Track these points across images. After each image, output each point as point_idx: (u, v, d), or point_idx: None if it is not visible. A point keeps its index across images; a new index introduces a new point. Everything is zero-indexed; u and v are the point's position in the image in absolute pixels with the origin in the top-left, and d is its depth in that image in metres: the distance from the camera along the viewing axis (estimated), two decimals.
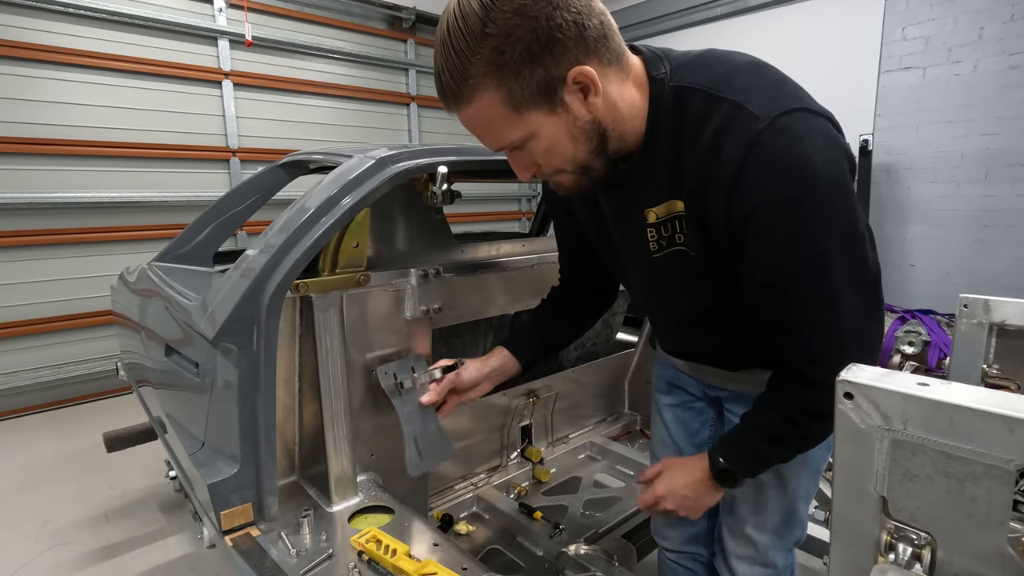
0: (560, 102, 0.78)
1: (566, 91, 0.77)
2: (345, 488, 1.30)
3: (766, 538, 1.14)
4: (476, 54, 0.74)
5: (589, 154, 0.84)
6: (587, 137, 0.82)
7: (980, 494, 0.54)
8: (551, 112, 0.79)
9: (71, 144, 3.82)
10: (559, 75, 0.76)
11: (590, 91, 0.78)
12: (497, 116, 0.79)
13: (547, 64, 0.75)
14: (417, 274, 1.37)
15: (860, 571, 0.64)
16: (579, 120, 0.80)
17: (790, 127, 0.74)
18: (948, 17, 4.09)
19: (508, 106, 0.77)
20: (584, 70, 0.76)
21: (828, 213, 0.77)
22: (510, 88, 0.76)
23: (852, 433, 0.62)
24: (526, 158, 0.86)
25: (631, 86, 0.84)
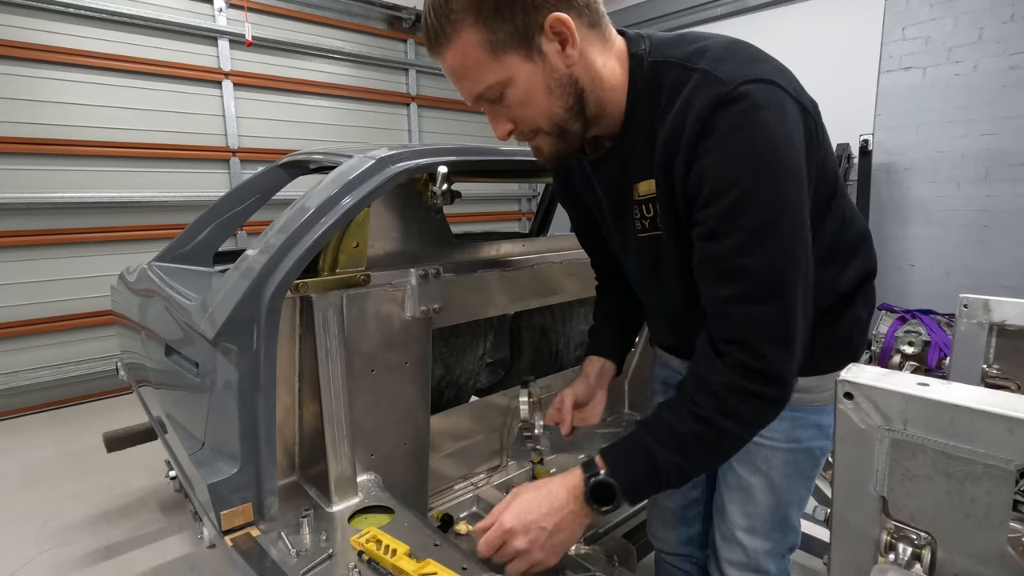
0: (537, 49, 0.79)
1: (544, 38, 0.79)
2: (345, 488, 1.30)
3: (757, 543, 1.11)
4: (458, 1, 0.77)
5: (565, 112, 0.85)
6: (563, 91, 0.83)
7: (980, 494, 0.54)
8: (528, 58, 0.80)
9: (71, 144, 3.82)
10: (537, 20, 0.78)
11: (567, 42, 0.80)
12: (475, 58, 0.80)
13: (525, 6, 0.77)
14: (417, 274, 1.37)
15: (860, 571, 0.64)
16: (555, 72, 0.81)
17: (752, 94, 0.75)
18: (948, 17, 4.09)
19: (486, 48, 0.79)
20: (561, 17, 0.78)
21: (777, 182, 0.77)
22: (490, 27, 0.77)
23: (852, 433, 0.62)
24: (504, 112, 0.86)
25: (613, 59, 0.86)
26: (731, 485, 1.13)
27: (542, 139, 0.88)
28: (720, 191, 0.77)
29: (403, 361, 1.43)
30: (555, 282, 1.79)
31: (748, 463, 1.09)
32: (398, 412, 1.46)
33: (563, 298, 1.84)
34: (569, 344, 2.26)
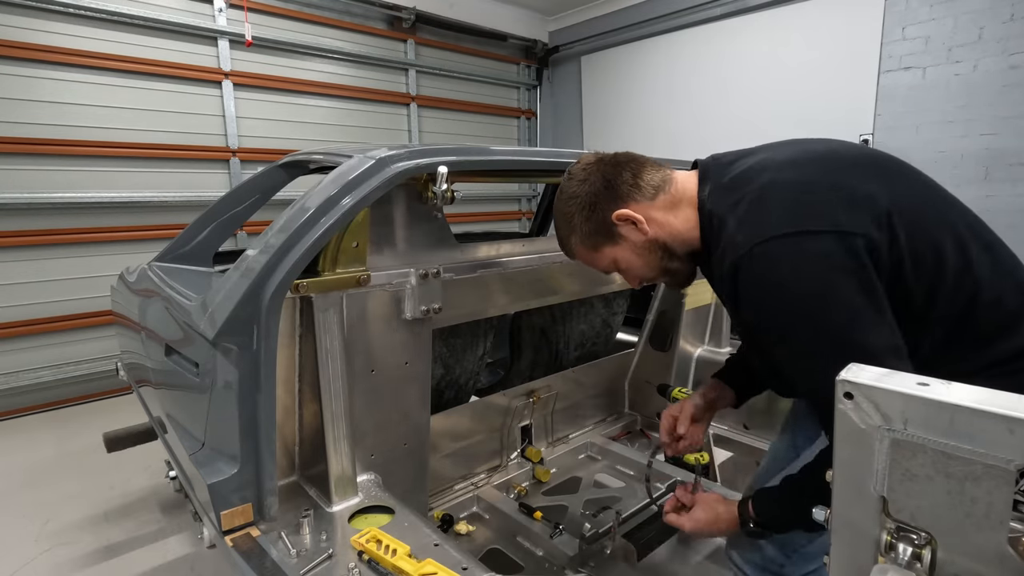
0: (618, 235, 1.14)
1: (618, 228, 1.12)
2: (345, 488, 1.30)
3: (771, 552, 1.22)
4: (563, 227, 1.20)
5: (661, 261, 1.15)
6: (650, 252, 1.14)
7: (980, 494, 0.54)
8: (615, 244, 1.15)
9: (71, 144, 3.82)
10: (607, 220, 1.12)
11: (635, 221, 1.10)
12: (588, 256, 1.20)
13: (596, 217, 1.13)
14: (417, 274, 1.37)
15: (860, 571, 0.64)
16: (637, 243, 1.13)
17: (763, 255, 0.90)
18: (948, 17, 4.09)
19: (590, 249, 1.18)
20: (619, 212, 1.10)
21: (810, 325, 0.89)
22: (585, 238, 1.17)
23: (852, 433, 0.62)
24: (624, 274, 1.21)
25: (685, 208, 1.11)
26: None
27: (663, 279, 1.21)
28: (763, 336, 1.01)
29: (403, 361, 1.43)
30: (555, 282, 1.79)
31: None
32: (398, 412, 1.46)
33: (563, 298, 1.84)
34: (569, 344, 2.26)
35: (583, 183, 1.13)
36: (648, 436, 2.42)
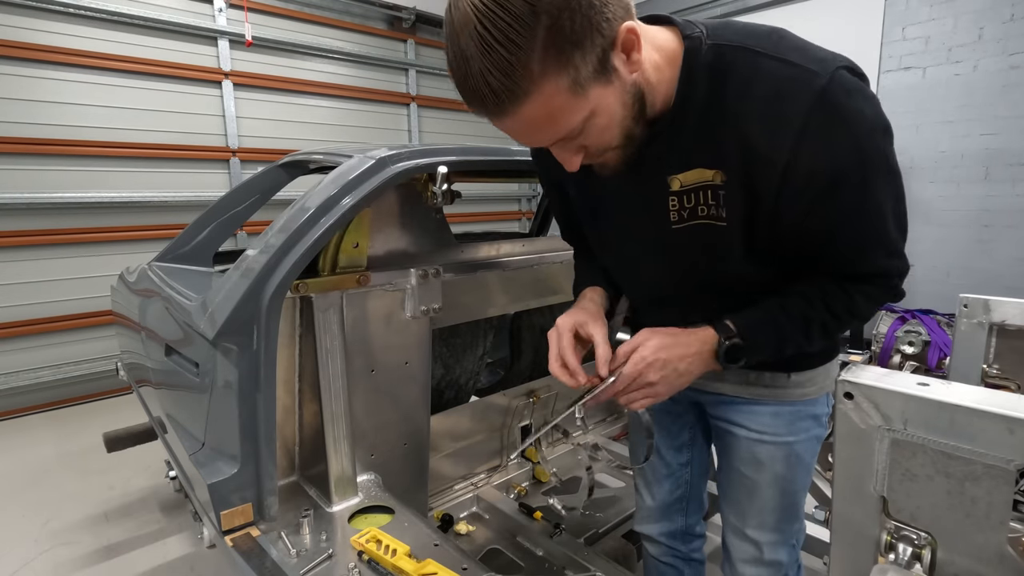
0: (612, 69, 0.72)
1: (615, 56, 0.71)
2: (345, 488, 1.30)
3: (768, 536, 1.14)
4: (532, 39, 0.64)
5: (632, 120, 0.79)
6: (633, 101, 0.77)
7: (980, 494, 0.54)
8: (607, 82, 0.72)
9: (71, 144, 3.82)
10: (611, 38, 0.69)
11: (633, 49, 0.72)
12: (562, 104, 0.71)
13: (604, 28, 0.68)
14: (417, 274, 1.37)
15: (860, 571, 0.64)
16: (627, 85, 0.75)
17: (846, 83, 0.76)
18: (948, 17, 4.09)
19: (571, 89, 0.69)
20: (631, 26, 0.70)
21: (883, 161, 0.81)
22: (575, 67, 0.68)
23: (852, 433, 0.62)
24: (578, 143, 0.79)
25: (652, 50, 0.80)
26: (737, 484, 1.16)
27: (611, 154, 0.84)
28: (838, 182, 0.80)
29: (403, 361, 1.43)
30: (555, 282, 1.79)
31: (752, 462, 1.11)
32: (398, 412, 1.46)
33: (563, 298, 1.84)
34: None
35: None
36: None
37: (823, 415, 1.11)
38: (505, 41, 0.64)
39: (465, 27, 0.66)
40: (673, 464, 1.29)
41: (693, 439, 1.28)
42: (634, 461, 1.34)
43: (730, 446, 1.15)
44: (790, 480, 1.10)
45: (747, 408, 1.10)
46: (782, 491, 1.11)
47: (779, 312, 0.93)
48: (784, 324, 0.92)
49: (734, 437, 1.13)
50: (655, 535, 1.36)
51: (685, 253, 0.96)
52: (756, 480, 1.11)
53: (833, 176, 0.79)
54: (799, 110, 0.75)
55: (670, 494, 1.32)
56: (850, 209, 0.83)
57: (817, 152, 0.77)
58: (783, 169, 0.79)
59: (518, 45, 0.64)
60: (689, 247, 0.94)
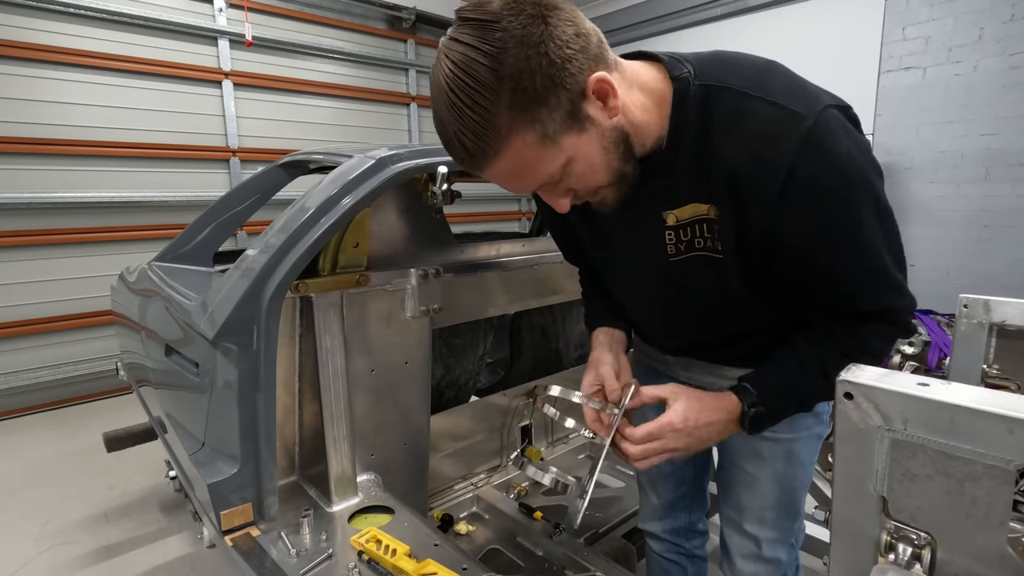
0: (586, 118, 0.76)
1: (588, 105, 0.75)
2: (345, 488, 1.30)
3: (767, 533, 1.14)
4: (497, 102, 0.70)
5: (620, 161, 0.83)
6: (615, 144, 0.81)
7: (980, 494, 0.54)
8: (581, 131, 0.76)
9: (71, 144, 3.82)
10: (579, 91, 0.74)
11: (608, 96, 0.76)
12: (533, 156, 0.76)
13: (568, 83, 0.72)
14: (417, 274, 1.37)
15: (860, 571, 0.64)
16: (606, 130, 0.79)
17: (831, 124, 0.77)
18: (948, 17, 4.09)
19: (543, 142, 0.75)
20: (601, 76, 0.74)
21: (874, 200, 0.81)
22: (541, 121, 0.73)
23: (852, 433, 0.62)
24: (563, 187, 0.84)
25: (637, 92, 0.82)
26: (737, 480, 1.17)
27: (604, 192, 0.87)
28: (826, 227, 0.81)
29: (403, 361, 1.43)
30: (555, 282, 1.79)
31: (752, 457, 1.12)
32: (398, 412, 1.46)
33: (563, 298, 1.84)
34: (569, 344, 2.26)
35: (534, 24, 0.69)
36: None
37: (824, 413, 1.11)
38: (473, 105, 0.70)
39: (440, 93, 0.73)
40: (677, 461, 1.30)
41: None
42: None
43: (731, 442, 1.15)
44: (790, 477, 1.11)
45: None
46: (781, 488, 1.12)
47: (796, 368, 0.93)
48: (801, 379, 0.92)
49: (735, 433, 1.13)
50: (659, 532, 1.37)
51: (684, 285, 0.99)
52: (756, 475, 1.12)
53: (823, 219, 0.80)
54: (786, 153, 0.76)
55: (674, 491, 1.33)
56: (846, 249, 0.83)
57: (806, 195, 0.78)
58: (771, 210, 0.80)
59: (485, 108, 0.70)
60: (687, 279, 0.97)
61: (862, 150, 0.79)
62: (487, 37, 0.69)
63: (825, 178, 0.77)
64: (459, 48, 0.70)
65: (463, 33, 0.71)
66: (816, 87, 0.83)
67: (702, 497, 1.36)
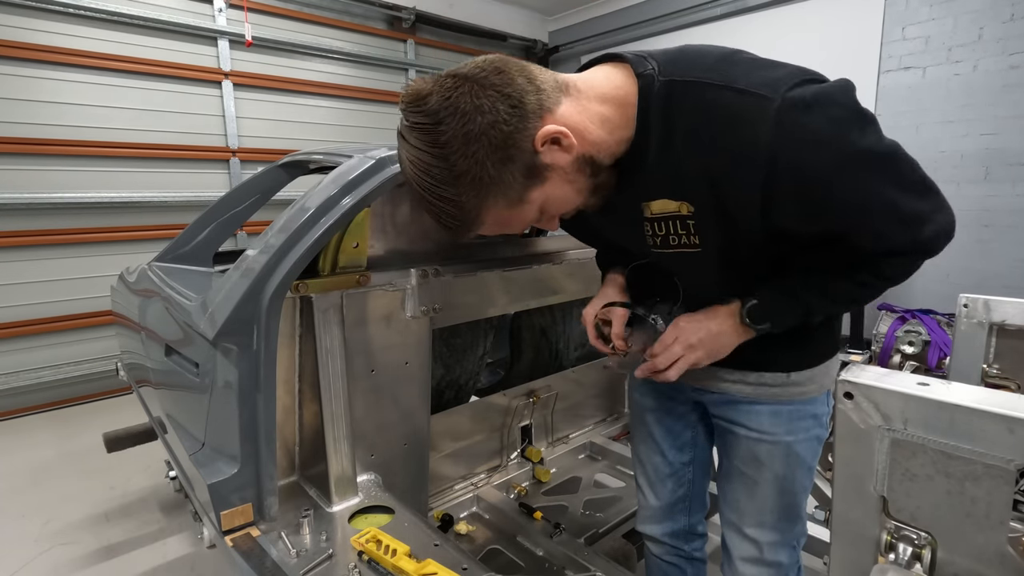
0: (544, 168, 0.82)
1: (542, 156, 0.81)
2: (345, 488, 1.30)
3: (768, 536, 1.14)
4: (459, 193, 0.79)
5: (590, 179, 0.88)
6: (580, 172, 0.86)
7: (980, 494, 0.54)
8: (544, 180, 0.83)
9: (71, 144, 3.82)
10: (531, 150, 0.79)
11: (560, 138, 0.81)
12: (508, 216, 0.85)
13: (517, 155, 0.79)
14: (417, 274, 1.37)
15: (860, 571, 0.64)
16: (567, 168, 0.84)
17: (803, 95, 0.76)
18: (948, 17, 4.09)
19: (511, 203, 0.83)
20: (546, 130, 0.79)
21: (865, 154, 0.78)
22: (503, 193, 0.81)
23: (852, 433, 0.62)
24: (547, 217, 0.91)
25: (595, 104, 0.85)
26: (736, 483, 1.16)
27: (587, 203, 0.93)
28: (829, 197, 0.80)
29: (403, 361, 1.43)
30: (555, 282, 1.79)
31: (751, 460, 1.12)
32: (398, 412, 1.46)
33: (563, 298, 1.84)
34: (569, 344, 2.26)
35: (471, 117, 0.75)
36: None
37: (823, 415, 1.11)
38: (440, 199, 0.80)
39: (410, 184, 0.84)
40: (675, 463, 1.30)
41: (695, 438, 1.28)
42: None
43: (730, 445, 1.15)
44: (789, 480, 1.10)
45: (747, 408, 1.10)
46: (781, 490, 1.11)
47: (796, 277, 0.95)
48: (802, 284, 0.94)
49: (734, 436, 1.13)
50: (658, 535, 1.36)
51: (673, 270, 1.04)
52: (755, 478, 1.12)
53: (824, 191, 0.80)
54: (761, 138, 0.76)
55: (672, 493, 1.32)
56: (850, 209, 0.83)
57: (794, 177, 0.78)
58: (761, 197, 0.81)
59: (451, 199, 0.80)
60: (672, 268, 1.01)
61: (841, 109, 0.77)
62: (435, 141, 0.77)
63: (809, 155, 0.77)
64: (413, 151, 0.79)
65: (412, 135, 0.79)
66: (779, 65, 0.82)
67: (701, 499, 1.35)
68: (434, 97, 0.77)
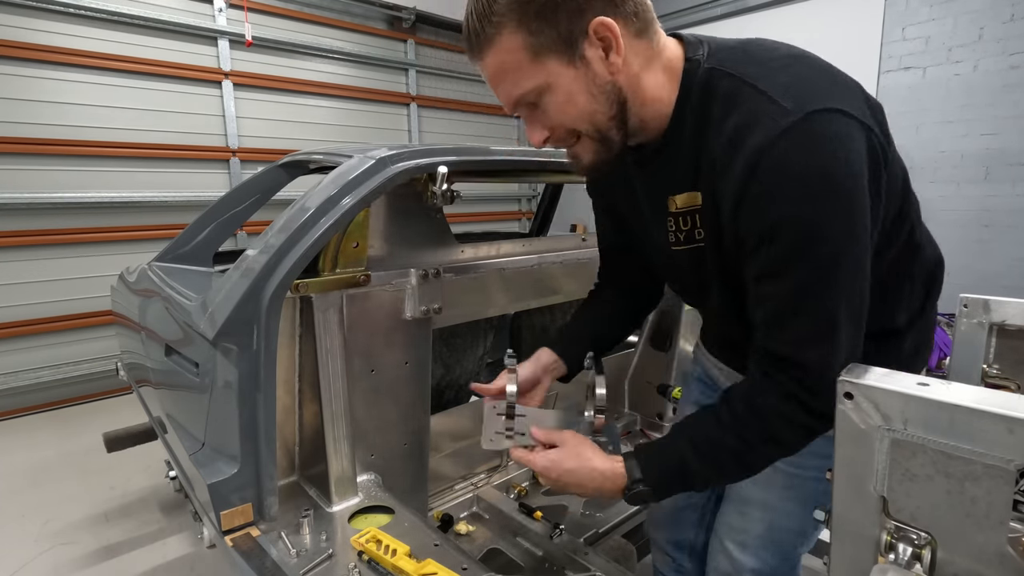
0: (580, 55, 0.77)
1: (587, 44, 0.76)
2: (345, 488, 1.30)
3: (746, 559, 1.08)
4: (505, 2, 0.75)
5: (608, 119, 0.82)
6: (607, 99, 0.80)
7: (980, 494, 0.54)
8: (569, 64, 0.77)
9: (71, 144, 3.82)
10: (581, 25, 0.75)
11: (612, 49, 0.77)
12: (515, 61, 0.78)
13: (570, 10, 0.74)
14: (417, 274, 1.37)
15: (860, 571, 0.64)
16: (598, 78, 0.78)
17: (816, 126, 0.71)
18: (948, 17, 4.09)
19: (527, 50, 0.77)
20: (606, 22, 0.75)
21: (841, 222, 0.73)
22: (531, 30, 0.75)
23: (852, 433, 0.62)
24: (541, 117, 0.83)
25: (659, 70, 0.82)
26: (731, 495, 1.13)
27: (582, 146, 0.86)
28: (777, 231, 0.74)
29: (403, 361, 1.43)
30: (555, 282, 1.79)
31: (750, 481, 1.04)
32: (398, 412, 1.46)
33: (563, 298, 1.84)
34: None
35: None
36: (648, 436, 2.42)
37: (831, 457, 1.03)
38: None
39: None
40: None
41: None
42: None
43: None
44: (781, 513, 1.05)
45: None
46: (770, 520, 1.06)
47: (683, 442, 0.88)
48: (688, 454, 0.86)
49: None
50: (662, 543, 1.31)
51: (689, 275, 0.96)
52: (749, 497, 1.07)
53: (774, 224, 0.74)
54: (757, 146, 0.72)
55: (685, 497, 1.25)
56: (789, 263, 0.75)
57: (764, 196, 0.73)
58: (735, 203, 0.77)
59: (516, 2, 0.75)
60: (687, 270, 0.94)
61: (845, 162, 0.71)
62: None
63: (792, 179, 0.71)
64: None
65: None
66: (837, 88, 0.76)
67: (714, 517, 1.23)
68: None
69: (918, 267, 0.96)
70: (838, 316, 0.76)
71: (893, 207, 0.85)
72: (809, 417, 0.79)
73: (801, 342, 0.78)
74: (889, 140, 0.81)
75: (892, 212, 0.85)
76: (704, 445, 0.86)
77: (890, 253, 0.88)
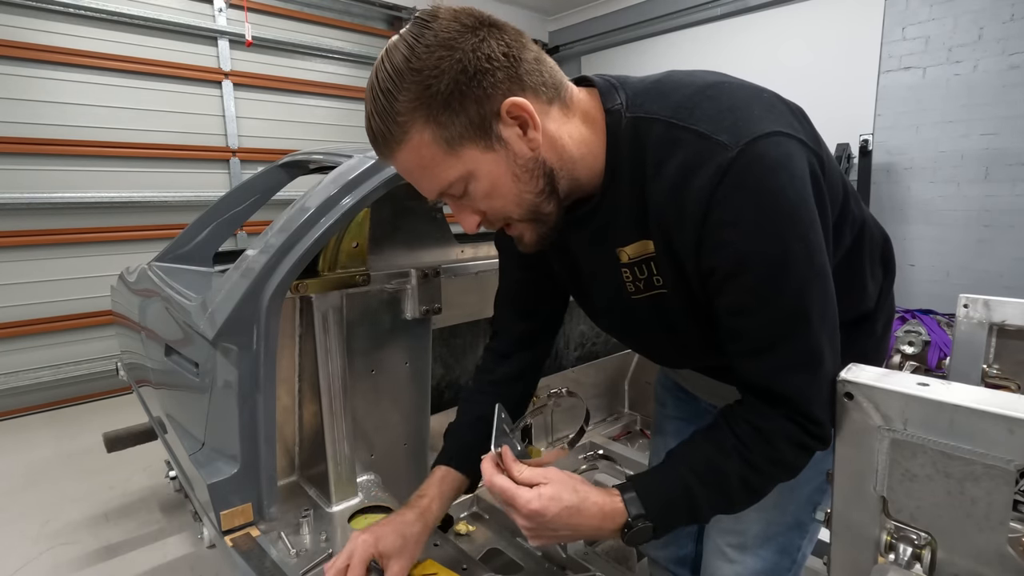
0: (496, 138, 0.74)
1: (501, 125, 0.74)
2: (345, 488, 1.30)
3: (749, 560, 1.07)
4: (402, 91, 0.71)
5: (536, 196, 0.79)
6: (531, 177, 0.77)
7: (980, 494, 0.54)
8: (488, 148, 0.75)
9: (71, 144, 3.82)
10: (492, 108, 0.73)
11: (528, 126, 0.75)
12: (430, 156, 0.74)
13: (478, 96, 0.72)
14: (417, 274, 1.37)
15: (860, 571, 0.64)
16: (519, 157, 0.76)
17: (759, 155, 0.70)
18: (948, 17, 4.09)
19: (441, 144, 0.73)
20: (518, 102, 0.73)
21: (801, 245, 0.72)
22: (440, 123, 0.72)
23: (852, 433, 0.62)
24: (469, 204, 0.81)
25: (579, 123, 0.80)
26: None
27: (518, 227, 0.83)
28: (741, 268, 0.73)
29: (403, 361, 1.43)
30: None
31: None
32: (398, 412, 1.46)
33: None
34: (569, 344, 2.26)
35: (463, 35, 0.71)
36: (648, 436, 2.42)
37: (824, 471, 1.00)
38: (384, 90, 0.72)
39: (370, 79, 0.76)
40: None
41: None
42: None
43: None
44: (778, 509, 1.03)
45: None
46: (767, 520, 1.04)
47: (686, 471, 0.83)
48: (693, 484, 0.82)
49: None
50: (661, 559, 1.28)
51: (651, 323, 0.93)
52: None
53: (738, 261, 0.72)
54: (704, 188, 0.70)
55: None
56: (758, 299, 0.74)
57: (723, 234, 0.72)
58: (695, 247, 0.75)
59: (392, 95, 0.71)
60: (652, 317, 0.92)
61: (796, 189, 0.71)
62: (418, 34, 0.71)
63: (745, 218, 0.70)
64: (395, 39, 0.74)
65: (405, 29, 0.74)
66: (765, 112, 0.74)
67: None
68: (447, 10, 0.73)
69: (870, 245, 0.96)
70: (818, 341, 0.75)
71: (837, 206, 0.85)
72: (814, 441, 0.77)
73: (784, 372, 0.77)
74: (820, 143, 0.80)
75: (837, 210, 0.85)
76: (708, 472, 0.82)
77: (845, 244, 0.88)
